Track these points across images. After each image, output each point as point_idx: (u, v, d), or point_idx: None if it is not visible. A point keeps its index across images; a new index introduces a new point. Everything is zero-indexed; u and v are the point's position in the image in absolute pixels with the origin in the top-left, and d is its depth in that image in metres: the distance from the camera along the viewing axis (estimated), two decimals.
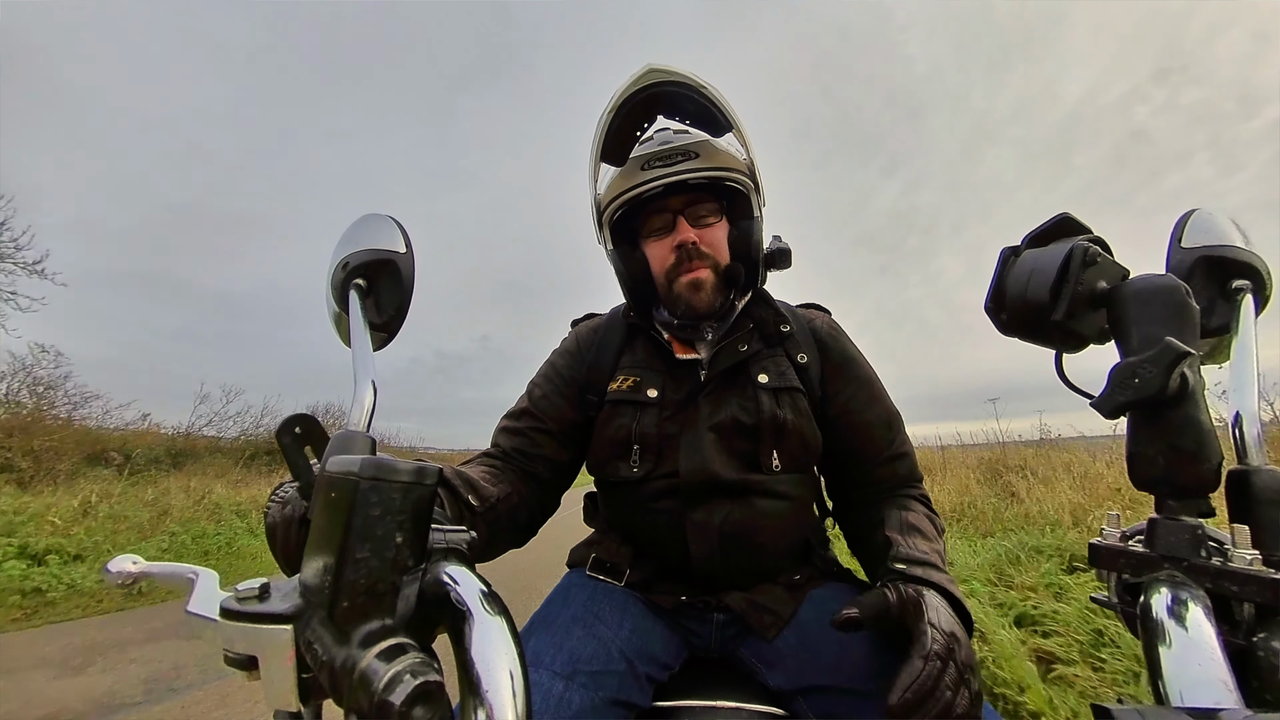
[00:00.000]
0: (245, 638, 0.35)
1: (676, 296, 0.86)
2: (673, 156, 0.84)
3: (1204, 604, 0.35)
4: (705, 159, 0.84)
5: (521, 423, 0.90)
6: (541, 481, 0.88)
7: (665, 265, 0.86)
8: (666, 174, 0.83)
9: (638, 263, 0.89)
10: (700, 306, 0.85)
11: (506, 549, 0.82)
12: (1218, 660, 0.32)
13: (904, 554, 0.71)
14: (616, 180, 0.88)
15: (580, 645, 0.70)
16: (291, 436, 0.43)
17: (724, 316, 0.90)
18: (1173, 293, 0.44)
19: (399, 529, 0.35)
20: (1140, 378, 0.40)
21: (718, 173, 0.84)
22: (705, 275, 0.85)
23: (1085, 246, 0.47)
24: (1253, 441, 0.45)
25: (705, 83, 0.80)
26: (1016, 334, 0.53)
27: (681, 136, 0.87)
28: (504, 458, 0.87)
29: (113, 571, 0.47)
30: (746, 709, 0.69)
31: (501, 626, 0.34)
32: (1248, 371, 0.48)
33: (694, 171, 0.83)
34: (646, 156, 0.85)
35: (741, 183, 0.86)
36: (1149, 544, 0.41)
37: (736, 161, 0.86)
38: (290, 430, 0.43)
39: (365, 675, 0.30)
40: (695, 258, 0.84)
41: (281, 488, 0.50)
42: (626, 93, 0.81)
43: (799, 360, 0.87)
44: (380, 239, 0.60)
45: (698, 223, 0.87)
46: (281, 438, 0.42)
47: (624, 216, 0.90)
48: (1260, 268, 0.52)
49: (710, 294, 0.85)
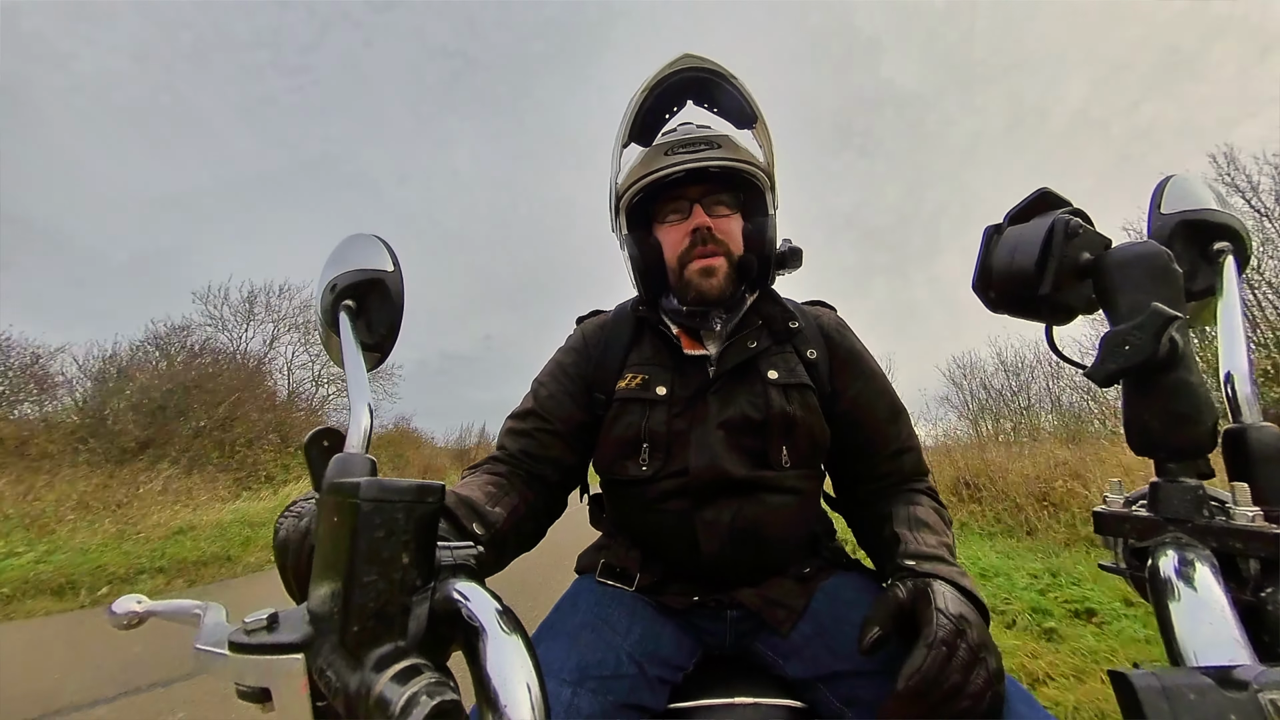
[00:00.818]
0: (256, 670, 0.34)
1: (688, 282, 0.86)
2: (696, 144, 0.86)
3: (1211, 563, 0.36)
4: (727, 150, 0.86)
5: (528, 424, 0.89)
6: (549, 484, 0.87)
7: (679, 250, 0.87)
8: (690, 159, 0.84)
9: (651, 248, 0.90)
10: (711, 293, 0.85)
11: (514, 556, 0.82)
12: (1228, 618, 0.33)
13: (913, 550, 0.71)
14: (637, 166, 0.89)
15: (588, 651, 0.69)
16: (319, 449, 0.42)
17: (733, 308, 0.90)
18: (1156, 258, 0.44)
19: (405, 549, 0.35)
20: (1130, 344, 0.41)
21: (738, 164, 0.86)
22: (719, 262, 0.85)
23: (1066, 219, 0.47)
24: (1245, 399, 0.45)
25: (736, 75, 0.84)
26: (1005, 310, 0.53)
27: (704, 129, 0.89)
28: (511, 461, 0.86)
29: (118, 613, 0.47)
30: (765, 704, 0.69)
31: (516, 640, 0.34)
32: (1235, 331, 0.48)
33: (716, 160, 0.84)
34: (670, 144, 0.87)
35: (759, 178, 0.88)
36: (1152, 508, 0.42)
37: (756, 158, 0.88)
38: (319, 443, 0.42)
39: (381, 699, 0.29)
40: (710, 242, 0.85)
41: (297, 503, 0.50)
42: (661, 74, 0.84)
43: (808, 356, 0.88)
44: (367, 259, 0.60)
45: (713, 212, 0.88)
46: (310, 451, 0.42)
47: (640, 204, 0.91)
48: (1239, 229, 0.53)
49: (722, 281, 0.86)
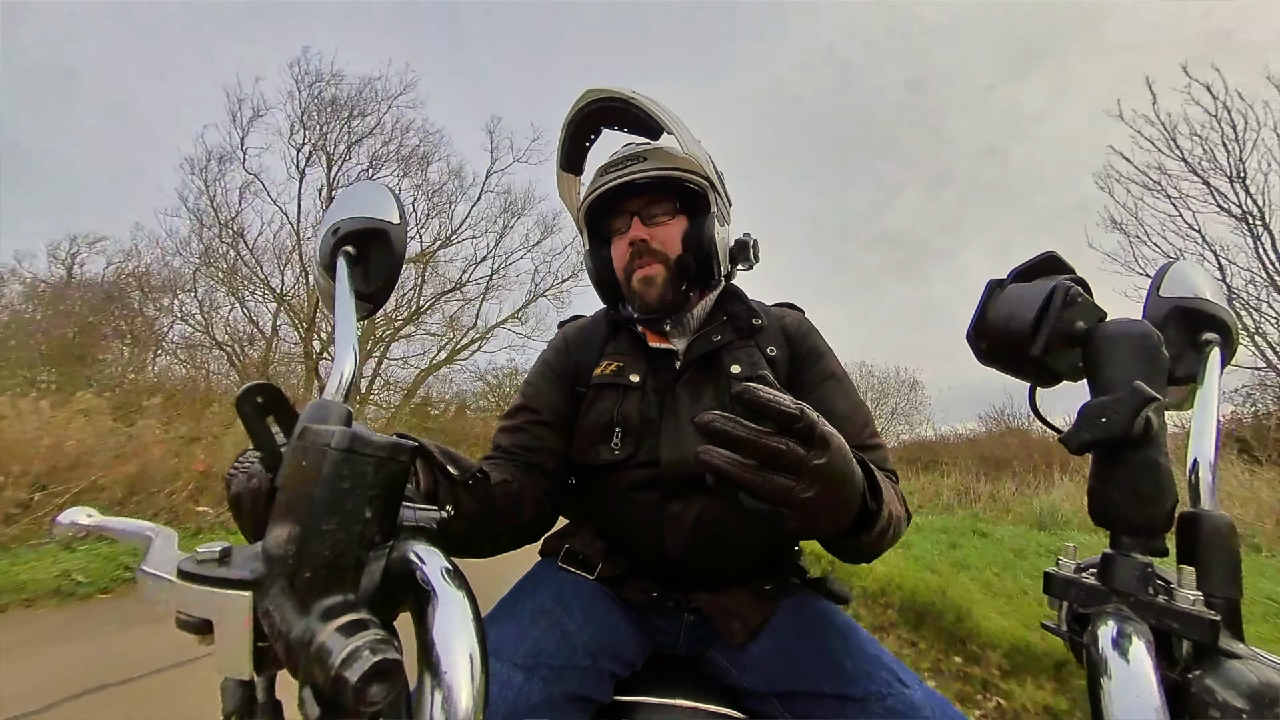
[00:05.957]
0: (201, 601, 0.34)
1: (634, 292, 0.92)
2: (624, 162, 0.91)
3: (1146, 639, 0.37)
4: (654, 161, 0.90)
5: (519, 419, 0.91)
6: (547, 472, 0.88)
7: (623, 262, 0.93)
8: (615, 176, 0.90)
9: (605, 261, 0.97)
10: (651, 300, 0.90)
11: (516, 542, 0.82)
12: (1153, 693, 0.34)
13: None
14: (587, 187, 0.96)
15: (544, 638, 0.69)
16: (253, 406, 0.42)
17: (679, 309, 0.93)
18: (1146, 339, 0.45)
19: (369, 503, 0.35)
20: (1107, 418, 0.42)
21: (665, 172, 0.89)
22: (655, 270, 0.90)
23: (1067, 286, 0.48)
24: (1206, 487, 0.47)
25: (634, 95, 0.88)
26: (994, 364, 0.54)
27: (630, 145, 0.96)
28: (504, 454, 0.87)
29: (63, 523, 0.46)
30: (705, 709, 0.70)
31: (465, 609, 0.34)
32: (1208, 421, 0.50)
33: (640, 173, 0.89)
34: (605, 163, 0.94)
35: (695, 182, 0.90)
36: (1101, 577, 0.43)
37: (689, 162, 0.91)
38: (252, 399, 0.42)
39: (323, 648, 0.29)
40: (645, 254, 0.90)
41: (244, 456, 0.49)
42: (570, 114, 0.93)
43: (769, 353, 0.91)
44: (374, 207, 0.59)
45: (650, 221, 0.92)
46: (242, 407, 0.41)
47: (596, 219, 0.97)
48: (1230, 323, 0.55)
49: (661, 288, 0.90)
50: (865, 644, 0.74)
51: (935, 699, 0.66)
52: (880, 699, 0.65)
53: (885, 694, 0.65)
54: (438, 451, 0.70)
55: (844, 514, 0.51)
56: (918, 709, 0.63)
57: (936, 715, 0.63)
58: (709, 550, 0.79)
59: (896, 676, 0.68)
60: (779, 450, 0.43)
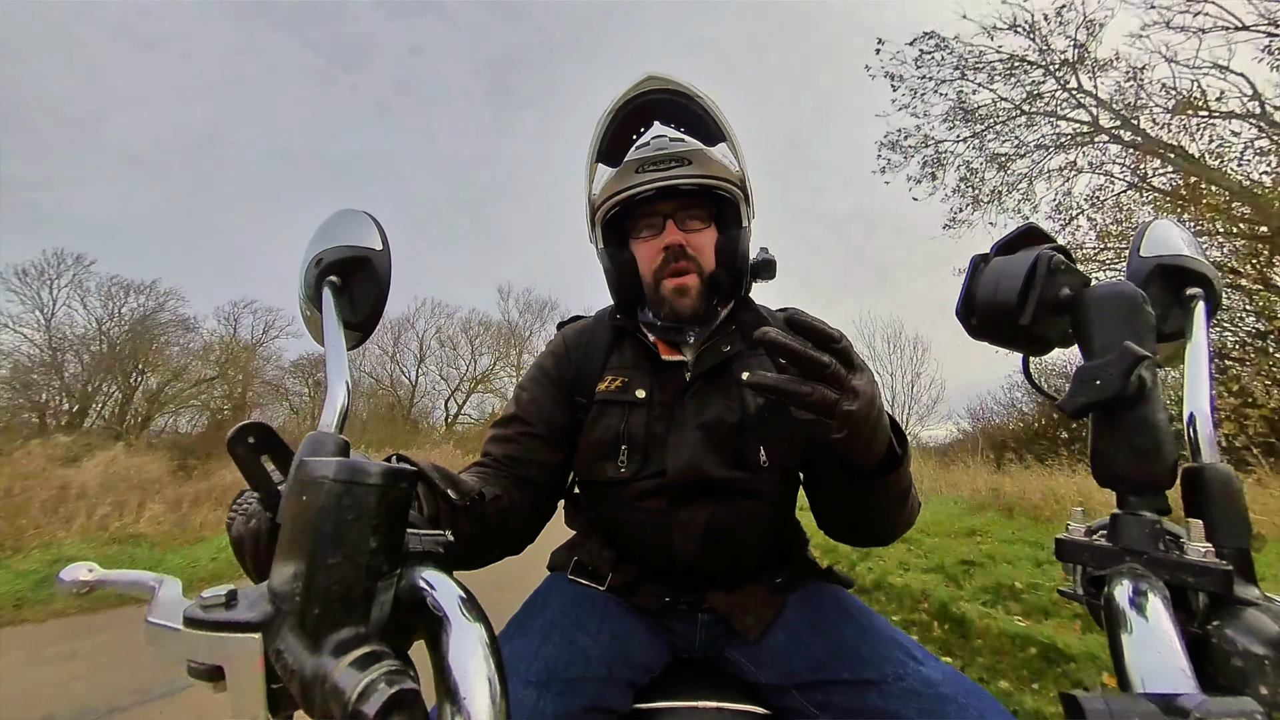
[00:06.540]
0: (211, 647, 0.33)
1: (662, 299, 0.88)
2: (666, 162, 0.86)
3: (1163, 595, 0.37)
4: (698, 166, 0.86)
5: (510, 429, 0.89)
6: (536, 486, 0.86)
7: (653, 266, 0.88)
8: (659, 178, 0.84)
9: (626, 263, 0.91)
10: (684, 311, 0.87)
11: (501, 554, 0.80)
12: (1175, 648, 0.34)
13: None
14: (611, 181, 0.90)
15: (556, 653, 0.69)
16: (245, 447, 0.41)
17: (706, 321, 0.91)
18: (1131, 299, 0.46)
19: (373, 533, 0.34)
20: (1101, 379, 0.42)
21: (709, 180, 0.86)
22: (691, 281, 0.86)
23: (1050, 255, 0.49)
24: (1205, 440, 0.47)
25: (701, 93, 0.83)
26: (985, 338, 0.55)
27: (676, 144, 0.89)
28: (495, 465, 0.86)
29: (66, 580, 0.45)
30: (729, 709, 0.70)
31: (480, 633, 0.33)
32: (1201, 374, 0.50)
33: (686, 178, 0.85)
34: (641, 160, 0.87)
35: (731, 192, 0.88)
36: (1112, 538, 0.43)
37: (728, 171, 0.88)
38: (243, 440, 0.41)
39: (338, 685, 0.29)
40: (681, 259, 0.86)
41: (242, 498, 0.48)
42: (625, 97, 0.85)
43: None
44: (356, 235, 0.59)
45: (686, 227, 0.89)
46: (235, 448, 0.41)
47: (615, 218, 0.91)
48: (1211, 276, 0.55)
49: (694, 299, 0.87)
50: (878, 626, 0.74)
51: (951, 673, 0.66)
52: (897, 679, 0.65)
53: (902, 674, 0.65)
54: (436, 474, 0.70)
55: (879, 439, 0.57)
56: (934, 685, 0.63)
57: (953, 690, 0.63)
58: (720, 551, 0.79)
59: (911, 655, 0.68)
60: (824, 364, 0.48)
